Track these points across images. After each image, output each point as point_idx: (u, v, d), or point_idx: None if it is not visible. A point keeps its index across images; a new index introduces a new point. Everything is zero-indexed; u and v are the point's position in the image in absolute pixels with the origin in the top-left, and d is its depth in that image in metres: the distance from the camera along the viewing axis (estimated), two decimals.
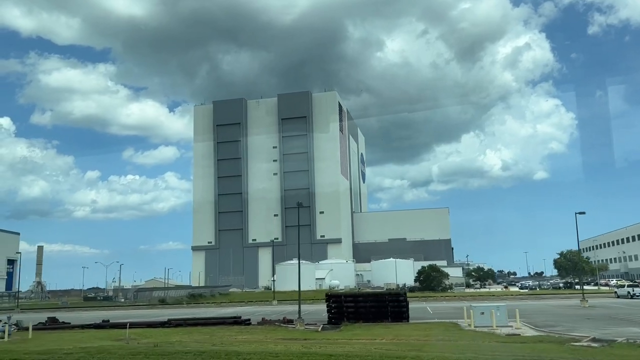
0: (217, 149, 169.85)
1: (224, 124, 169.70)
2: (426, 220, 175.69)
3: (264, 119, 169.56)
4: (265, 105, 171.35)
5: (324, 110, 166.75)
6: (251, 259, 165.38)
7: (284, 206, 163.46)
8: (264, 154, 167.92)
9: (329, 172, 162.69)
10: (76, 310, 64.03)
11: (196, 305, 61.03)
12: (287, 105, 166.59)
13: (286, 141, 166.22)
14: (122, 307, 66.60)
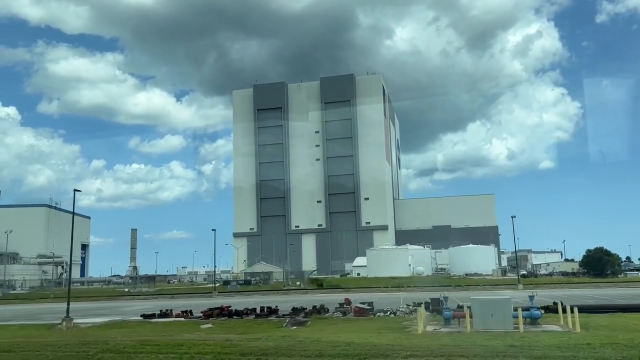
0: (257, 133, 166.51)
1: (265, 108, 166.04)
2: (470, 206, 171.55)
3: (305, 103, 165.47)
4: (307, 89, 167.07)
5: (367, 94, 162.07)
6: (295, 246, 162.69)
7: (327, 192, 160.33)
8: (305, 139, 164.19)
9: (374, 157, 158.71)
10: (251, 295, 56.25)
11: (342, 290, 54.70)
12: (329, 89, 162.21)
13: (329, 126, 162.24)
14: (285, 292, 58.75)
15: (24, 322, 32.00)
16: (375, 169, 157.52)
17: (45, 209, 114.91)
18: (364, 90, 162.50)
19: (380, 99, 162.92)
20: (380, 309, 29.33)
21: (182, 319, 29.62)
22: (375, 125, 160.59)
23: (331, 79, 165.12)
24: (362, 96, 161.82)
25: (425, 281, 66.23)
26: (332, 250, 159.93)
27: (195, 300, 50.36)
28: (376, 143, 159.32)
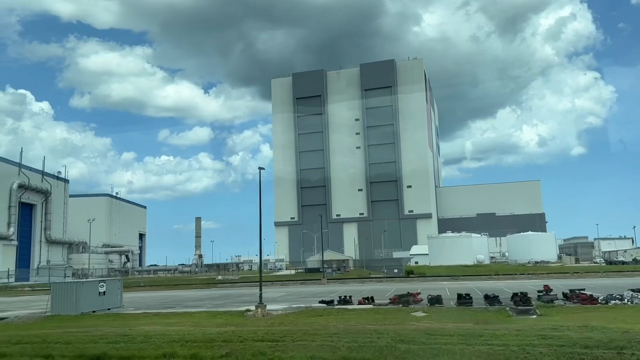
0: (297, 122, 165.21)
1: (304, 96, 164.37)
2: (516, 193, 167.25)
3: (345, 91, 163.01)
4: (347, 76, 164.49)
5: (409, 79, 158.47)
6: (336, 235, 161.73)
7: (368, 180, 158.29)
8: (346, 127, 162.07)
9: (416, 144, 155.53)
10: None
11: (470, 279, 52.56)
12: (370, 75, 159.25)
13: (369, 113, 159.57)
14: (380, 280, 56.05)
15: (191, 309, 30.86)
16: (417, 156, 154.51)
17: (107, 198, 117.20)
18: (405, 76, 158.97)
19: (422, 85, 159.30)
20: (610, 295, 26.34)
21: (370, 306, 27.36)
22: (417, 111, 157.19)
23: (371, 65, 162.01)
24: (404, 82, 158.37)
25: (519, 270, 63.65)
26: (375, 239, 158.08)
27: (315, 287, 48.10)
28: (418, 129, 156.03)
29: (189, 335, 18.11)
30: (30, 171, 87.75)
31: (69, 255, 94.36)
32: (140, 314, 28.17)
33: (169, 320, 25.03)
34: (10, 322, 28.09)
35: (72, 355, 15.15)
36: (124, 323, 24.01)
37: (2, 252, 77.03)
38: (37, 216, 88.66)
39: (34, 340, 18.27)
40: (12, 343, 17.69)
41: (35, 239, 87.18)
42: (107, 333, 19.66)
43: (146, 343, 16.83)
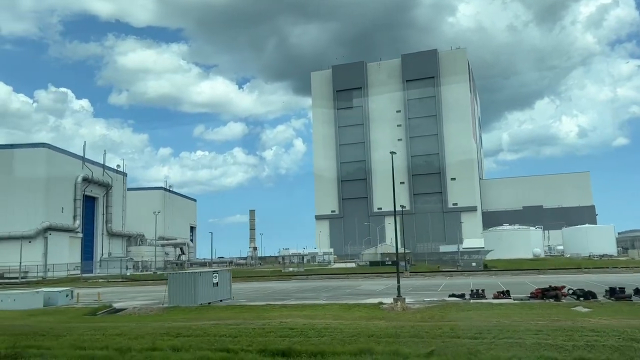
0: (337, 115, 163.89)
1: (344, 89, 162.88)
2: (563, 185, 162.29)
3: (386, 82, 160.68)
4: (387, 67, 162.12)
5: (452, 70, 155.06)
6: (377, 228, 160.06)
7: (410, 173, 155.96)
8: (387, 119, 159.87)
9: (460, 135, 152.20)
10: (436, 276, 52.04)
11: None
12: (411, 66, 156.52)
13: (411, 104, 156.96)
14: (459, 273, 53.54)
15: (309, 301, 29.98)
16: (461, 147, 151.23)
17: (161, 192, 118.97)
18: (448, 66, 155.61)
19: (465, 75, 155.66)
20: None
21: (512, 301, 25.45)
22: (460, 101, 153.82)
23: (413, 55, 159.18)
24: (446, 72, 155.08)
25: (597, 264, 61.19)
26: (417, 232, 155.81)
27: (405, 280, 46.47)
28: (462, 120, 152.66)
29: (362, 330, 16.97)
30: (93, 165, 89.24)
31: (128, 248, 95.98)
32: (262, 306, 27.05)
33: (302, 312, 23.94)
34: (131, 313, 27.65)
35: (256, 350, 14.13)
36: (258, 315, 23.10)
37: (69, 245, 78.60)
38: (99, 209, 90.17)
39: (195, 333, 17.44)
40: (172, 335, 16.83)
41: (98, 231, 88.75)
42: (264, 326, 18.65)
43: (327, 337, 15.74)
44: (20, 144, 79.37)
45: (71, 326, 20.73)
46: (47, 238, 73.67)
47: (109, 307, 29.93)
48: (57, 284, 62.40)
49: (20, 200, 73.90)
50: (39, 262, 71.50)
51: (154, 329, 18.43)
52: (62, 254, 75.22)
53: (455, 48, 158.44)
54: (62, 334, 17.43)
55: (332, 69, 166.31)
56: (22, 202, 73.84)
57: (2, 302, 30.51)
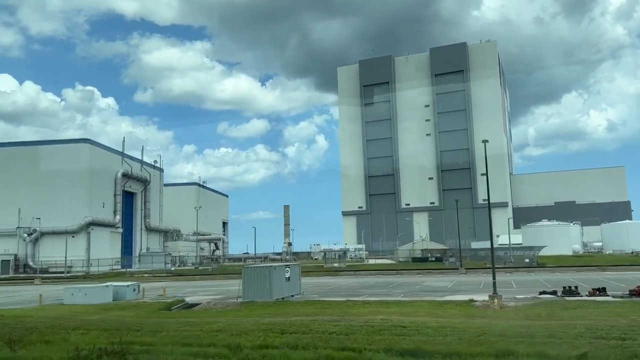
0: (364, 110, 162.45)
1: (371, 83, 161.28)
2: (597, 181, 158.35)
3: (414, 76, 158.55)
4: (415, 61, 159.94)
5: (482, 63, 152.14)
6: (405, 224, 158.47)
7: (439, 169, 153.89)
8: (415, 114, 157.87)
9: (491, 129, 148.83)
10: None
11: None
12: (440, 60, 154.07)
13: (440, 98, 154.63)
14: (513, 270, 52.01)
15: (387, 298, 29.19)
16: (492, 142, 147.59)
17: (195, 187, 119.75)
18: (478, 59, 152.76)
19: (495, 68, 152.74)
20: None
21: (607, 298, 24.29)
22: (491, 95, 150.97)
23: (442, 49, 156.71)
24: (476, 65, 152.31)
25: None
26: (447, 229, 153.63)
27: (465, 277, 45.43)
28: (493, 115, 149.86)
29: (484, 329, 15.83)
30: (131, 160, 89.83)
31: (165, 243, 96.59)
32: (341, 302, 25.71)
33: (390, 309, 22.76)
34: (207, 307, 27.02)
35: (381, 349, 13.13)
36: (344, 311, 22.01)
37: (110, 240, 79.25)
38: (138, 204, 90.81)
39: (300, 330, 16.48)
40: (276, 332, 15.90)
41: (136, 226, 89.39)
42: (370, 324, 17.58)
43: (450, 336, 14.69)
44: (63, 140, 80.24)
45: (159, 321, 20.06)
46: (89, 233, 74.31)
47: (182, 302, 29.43)
48: (102, 278, 62.54)
49: (63, 195, 74.62)
50: (82, 256, 72.16)
51: (254, 325, 17.62)
52: (103, 248, 75.83)
53: (485, 41, 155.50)
54: (157, 330, 16.73)
55: (358, 63, 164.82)
56: (65, 198, 74.55)
57: (73, 296, 30.29)
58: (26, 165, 77.21)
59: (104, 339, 14.71)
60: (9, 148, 79.60)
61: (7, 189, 76.84)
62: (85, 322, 19.33)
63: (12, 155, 78.09)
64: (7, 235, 74.96)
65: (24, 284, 58.09)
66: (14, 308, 28.73)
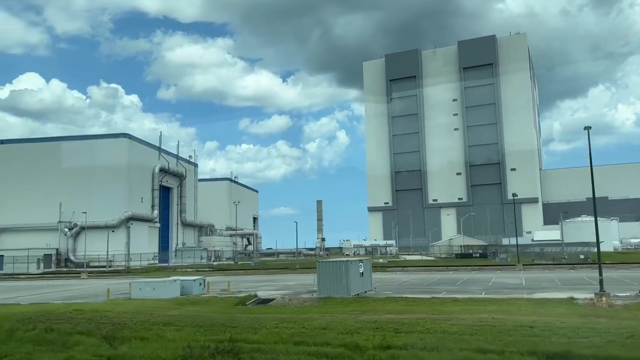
0: (390, 105, 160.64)
1: (397, 78, 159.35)
2: (629, 176, 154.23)
3: (441, 70, 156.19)
4: (443, 54, 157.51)
5: (512, 56, 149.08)
6: (432, 220, 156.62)
7: (468, 164, 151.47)
8: (442, 108, 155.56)
9: (521, 124, 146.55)
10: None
11: None
12: (469, 53, 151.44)
13: (469, 92, 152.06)
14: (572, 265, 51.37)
15: (471, 295, 28.10)
16: (522, 136, 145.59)
17: (227, 182, 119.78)
18: (508, 52, 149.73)
19: (525, 61, 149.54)
20: None
21: None
22: (521, 89, 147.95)
23: (470, 42, 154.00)
24: (505, 58, 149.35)
25: None
26: (475, 225, 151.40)
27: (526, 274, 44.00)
28: (523, 109, 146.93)
29: (628, 330, 14.54)
30: (168, 155, 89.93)
31: (200, 238, 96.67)
32: (426, 299, 24.91)
33: (485, 307, 21.40)
34: (284, 303, 26.10)
35: (525, 352, 11.96)
36: (435, 309, 20.80)
37: (148, 234, 79.47)
38: (174, 199, 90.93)
39: (415, 329, 15.38)
40: (388, 331, 14.82)
41: (173, 221, 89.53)
42: (482, 323, 16.37)
43: (597, 338, 13.44)
44: (102, 135, 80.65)
45: (251, 317, 19.16)
46: (129, 228, 74.55)
47: (255, 297, 28.70)
48: (145, 272, 62.49)
49: (103, 190, 74.90)
50: (122, 251, 72.39)
51: (359, 323, 16.58)
52: (142, 243, 76.02)
53: (515, 33, 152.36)
54: (254, 327, 15.85)
55: (384, 57, 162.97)
56: (105, 192, 74.81)
57: (140, 291, 29.80)
58: (66, 160, 77.75)
59: (201, 336, 14.01)
60: (49, 143, 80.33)
61: (47, 184, 77.50)
62: (170, 318, 18.62)
63: (52, 150, 78.71)
64: (49, 230, 75.67)
65: (70, 277, 58.33)
66: (83, 302, 28.31)
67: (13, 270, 66.58)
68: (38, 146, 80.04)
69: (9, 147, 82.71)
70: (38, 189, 77.44)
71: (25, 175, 79.02)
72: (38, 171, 78.64)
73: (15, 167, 79.94)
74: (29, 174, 78.83)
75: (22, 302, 29.42)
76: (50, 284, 47.39)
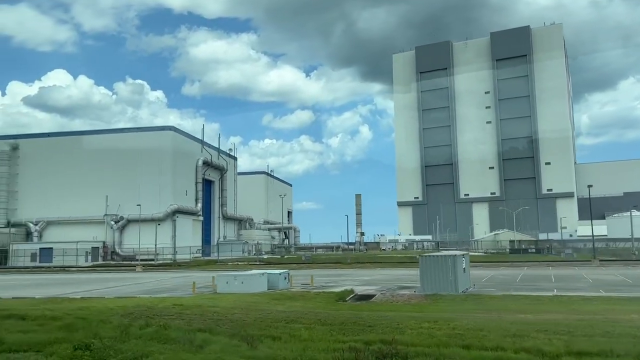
0: (420, 98, 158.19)
1: (428, 70, 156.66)
2: None
3: (473, 62, 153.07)
4: (475, 46, 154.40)
5: (547, 47, 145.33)
6: (464, 215, 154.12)
7: (501, 157, 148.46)
8: (474, 101, 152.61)
9: (556, 116, 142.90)
10: None
11: None
12: (501, 44, 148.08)
13: (502, 84, 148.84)
14: None
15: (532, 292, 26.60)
16: (558, 129, 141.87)
17: (264, 176, 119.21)
18: (542, 43, 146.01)
19: (561, 52, 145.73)
20: None
21: None
22: (556, 81, 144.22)
23: (503, 33, 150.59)
24: (540, 49, 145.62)
25: None
26: (508, 220, 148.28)
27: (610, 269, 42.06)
28: (558, 101, 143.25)
29: None
30: (210, 148, 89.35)
31: (239, 231, 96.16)
32: (548, 297, 23.42)
33: (623, 307, 19.73)
34: (388, 300, 24.62)
35: None
36: (574, 309, 19.19)
37: (192, 227, 79.10)
38: (215, 192, 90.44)
39: (626, 331, 13.69)
40: (559, 334, 13.06)
41: (214, 214, 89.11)
42: None
43: None
44: (147, 127, 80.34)
45: (379, 315, 17.56)
46: (175, 221, 74.10)
47: (352, 293, 27.46)
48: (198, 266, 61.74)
49: (147, 183, 74.51)
50: (167, 244, 71.95)
51: (513, 325, 14.90)
52: (186, 236, 75.61)
53: (550, 24, 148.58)
54: (394, 327, 14.20)
55: (415, 49, 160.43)
56: (150, 185, 74.38)
57: (227, 285, 28.74)
58: (111, 153, 77.50)
59: (339, 336, 13.01)
60: (95, 136, 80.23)
61: (92, 177, 77.39)
62: (286, 315, 17.30)
63: (96, 142, 78.52)
64: (94, 223, 75.61)
65: (125, 271, 57.88)
66: (168, 296, 27.33)
67: (63, 263, 66.57)
68: (82, 139, 79.95)
69: (53, 140, 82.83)
70: (83, 182, 77.38)
71: (69, 168, 79.03)
72: (82, 164, 78.55)
73: (60, 160, 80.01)
74: (73, 167, 78.82)
75: (105, 295, 28.67)
76: (113, 277, 46.79)
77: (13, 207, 79.71)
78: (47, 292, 31.73)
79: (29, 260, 68.06)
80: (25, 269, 62.99)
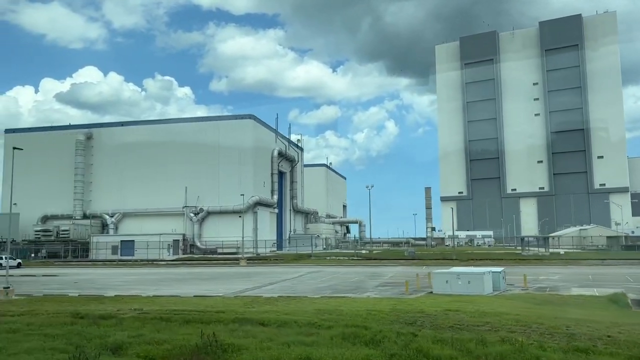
0: (465, 90, 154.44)
1: (472, 62, 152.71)
2: None
3: (520, 53, 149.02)
4: (522, 36, 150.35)
5: (599, 35, 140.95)
6: (511, 211, 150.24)
7: (550, 151, 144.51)
8: (522, 93, 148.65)
9: (609, 107, 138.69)
10: None
11: None
12: (551, 34, 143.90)
13: (551, 75, 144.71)
14: None
15: None
16: (611, 122, 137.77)
17: (324, 169, 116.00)
18: (595, 32, 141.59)
19: (615, 41, 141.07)
20: None
21: None
22: (610, 71, 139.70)
23: (553, 22, 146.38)
24: (593, 38, 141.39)
25: None
26: (558, 216, 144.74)
27: None
28: (612, 92, 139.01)
29: None
30: (282, 139, 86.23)
31: (306, 225, 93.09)
32: None
33: None
34: None
35: None
36: None
37: (269, 220, 76.01)
38: (287, 184, 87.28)
39: None
40: None
41: (286, 207, 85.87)
42: None
43: None
44: (228, 116, 77.36)
45: None
46: (256, 213, 71.09)
47: (625, 298, 24.04)
48: (295, 260, 58.53)
49: (227, 173, 71.50)
50: (248, 237, 68.95)
51: None
52: (264, 229, 72.67)
53: (604, 12, 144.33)
54: None
55: (459, 40, 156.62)
56: (230, 176, 71.37)
57: (448, 284, 25.31)
58: (190, 142, 74.25)
59: None
60: (174, 125, 77.28)
61: (170, 167, 74.34)
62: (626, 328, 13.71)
63: (173, 131, 75.48)
64: (172, 215, 72.67)
65: (230, 265, 55.08)
66: (390, 297, 24.12)
67: (147, 256, 63.75)
68: (157, 128, 76.96)
69: (127, 129, 79.42)
70: (159, 172, 74.44)
71: (144, 157, 76.01)
72: (158, 154, 75.49)
73: (134, 150, 76.93)
74: (148, 156, 75.80)
75: (285, 294, 25.42)
76: (238, 272, 43.79)
77: (88, 199, 76.90)
78: (199, 288, 28.88)
79: (110, 253, 65.39)
80: (111, 262, 60.34)
